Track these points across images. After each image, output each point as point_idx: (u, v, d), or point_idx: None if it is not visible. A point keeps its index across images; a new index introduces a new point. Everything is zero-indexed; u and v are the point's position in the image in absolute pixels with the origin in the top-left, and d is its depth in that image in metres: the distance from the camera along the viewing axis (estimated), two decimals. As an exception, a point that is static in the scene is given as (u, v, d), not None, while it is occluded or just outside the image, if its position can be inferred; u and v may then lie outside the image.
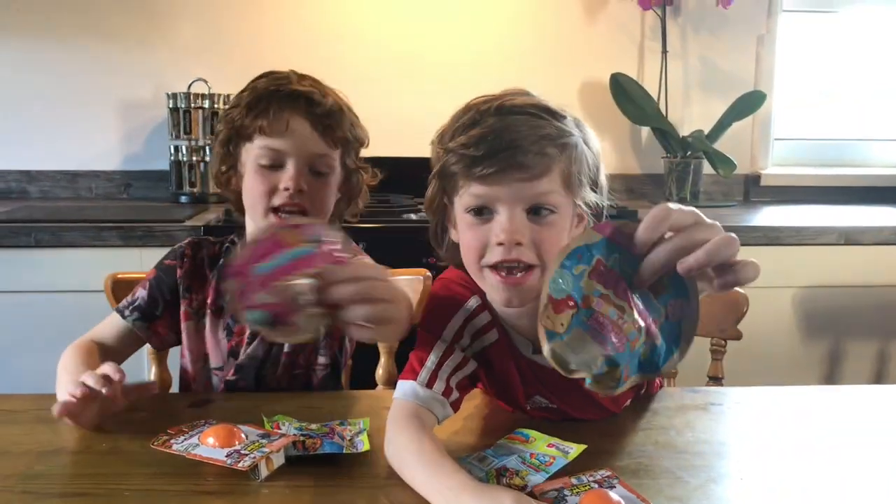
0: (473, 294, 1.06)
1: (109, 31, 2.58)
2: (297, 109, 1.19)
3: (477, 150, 0.92)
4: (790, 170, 2.83)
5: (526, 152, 0.92)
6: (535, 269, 0.94)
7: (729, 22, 2.72)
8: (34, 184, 2.61)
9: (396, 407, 1.00)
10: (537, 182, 0.93)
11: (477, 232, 0.96)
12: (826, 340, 2.24)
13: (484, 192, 0.94)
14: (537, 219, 0.94)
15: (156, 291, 1.29)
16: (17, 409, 1.15)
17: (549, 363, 0.78)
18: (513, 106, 0.95)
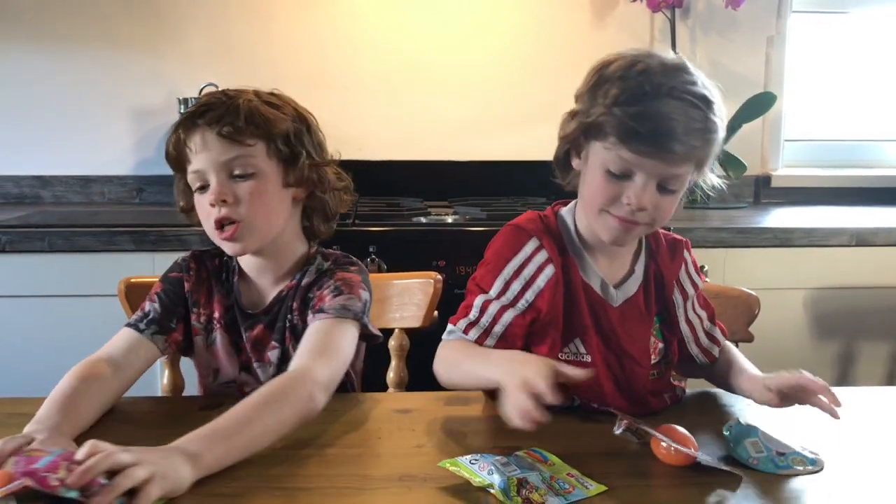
0: (532, 237, 1.17)
1: (121, 38, 2.60)
2: (194, 126, 1.18)
3: (639, 126, 1.03)
4: (801, 171, 2.82)
5: (677, 142, 1.03)
6: (647, 226, 1.12)
7: (738, 23, 2.70)
8: (48, 189, 2.62)
9: (444, 346, 1.16)
10: (676, 166, 1.06)
11: (612, 186, 1.09)
12: (838, 342, 2.23)
13: (630, 159, 1.06)
14: (664, 191, 1.08)
15: (167, 303, 1.26)
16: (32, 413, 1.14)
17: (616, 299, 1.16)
18: (680, 91, 1.04)
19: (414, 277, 1.55)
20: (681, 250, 1.24)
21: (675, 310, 1.21)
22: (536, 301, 1.15)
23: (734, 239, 2.15)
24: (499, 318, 1.14)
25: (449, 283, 1.65)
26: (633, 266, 1.20)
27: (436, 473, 0.96)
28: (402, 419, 1.14)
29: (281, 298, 1.27)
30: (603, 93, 1.07)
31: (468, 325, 1.15)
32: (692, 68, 1.09)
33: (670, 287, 1.21)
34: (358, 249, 1.38)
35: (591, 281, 1.18)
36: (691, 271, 1.24)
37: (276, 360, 1.27)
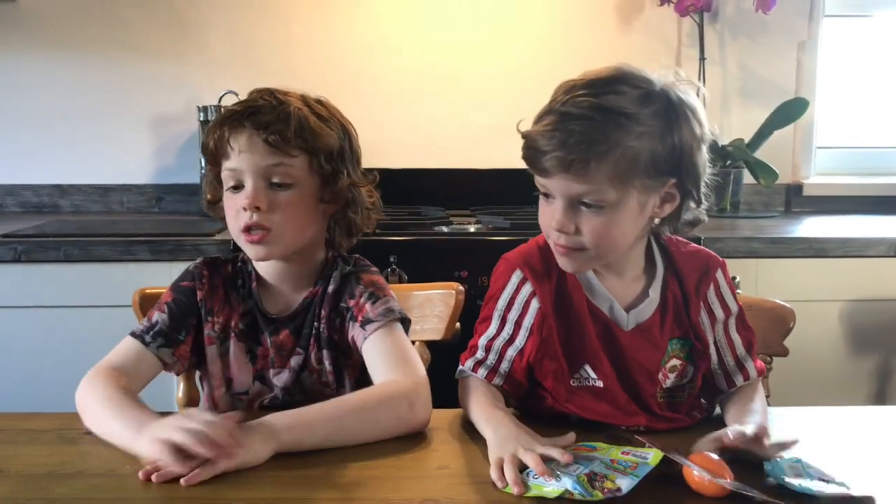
0: (515, 269, 1.17)
1: (140, 45, 2.59)
2: (241, 126, 1.16)
3: (525, 144, 1.06)
4: (833, 179, 2.75)
5: (544, 157, 1.02)
6: (586, 251, 1.07)
7: (769, 27, 2.64)
8: (66, 198, 2.61)
9: (461, 384, 1.17)
10: (580, 183, 1.03)
11: (545, 210, 1.10)
12: (875, 356, 2.16)
13: (539, 181, 1.08)
14: (586, 211, 1.05)
15: (176, 314, 1.23)
16: (40, 428, 1.13)
17: (627, 324, 1.13)
18: (569, 106, 1.03)
19: (435, 288, 1.53)
20: (712, 271, 1.18)
21: (703, 333, 1.16)
22: (530, 337, 1.15)
23: (766, 249, 2.09)
24: (503, 355, 1.16)
25: (471, 294, 1.61)
26: (647, 289, 1.15)
27: (461, 497, 0.92)
28: (422, 439, 1.09)
29: (307, 305, 1.25)
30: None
31: (476, 364, 1.16)
32: (638, 78, 1.05)
33: (695, 309, 1.15)
34: (378, 259, 1.35)
35: (599, 304, 1.14)
36: (724, 293, 1.18)
37: (296, 367, 1.24)
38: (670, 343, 1.14)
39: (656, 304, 1.14)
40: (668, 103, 1.05)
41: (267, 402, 1.25)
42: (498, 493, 0.93)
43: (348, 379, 1.27)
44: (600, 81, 1.05)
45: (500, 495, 0.93)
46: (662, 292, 1.15)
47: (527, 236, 2.06)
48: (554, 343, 1.13)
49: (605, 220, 1.05)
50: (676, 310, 1.15)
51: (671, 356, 1.14)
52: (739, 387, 1.18)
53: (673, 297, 1.15)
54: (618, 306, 1.14)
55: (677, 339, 1.15)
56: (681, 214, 1.11)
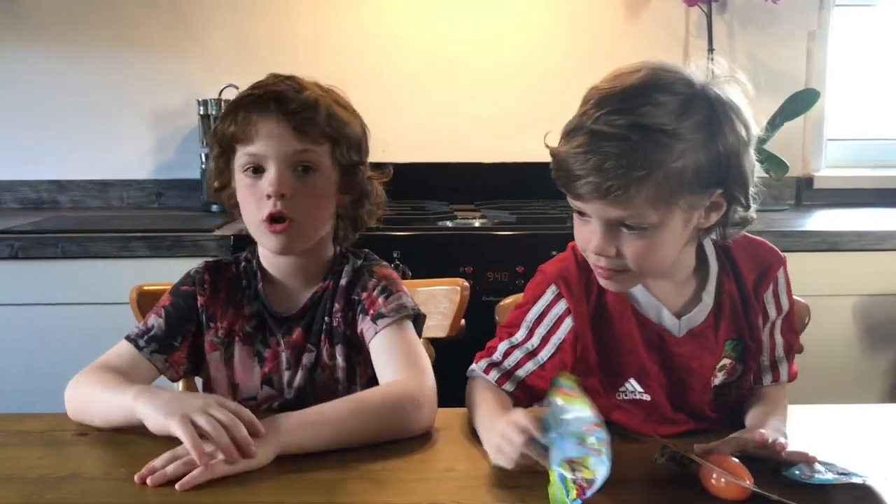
0: (551, 284, 1.11)
1: (140, 39, 2.55)
2: (266, 110, 1.14)
3: (556, 166, 0.98)
4: (844, 171, 2.70)
5: (579, 183, 0.94)
6: (630, 273, 1.01)
7: (778, 17, 2.60)
8: (65, 193, 2.58)
9: (470, 384, 1.13)
10: (619, 208, 0.95)
11: (581, 230, 1.02)
12: (890, 352, 2.12)
13: (576, 205, 1.00)
14: (627, 233, 0.98)
15: (173, 320, 1.20)
16: (31, 429, 1.10)
17: (679, 330, 1.07)
18: (600, 123, 0.94)
19: (440, 284, 1.50)
20: (773, 270, 1.13)
21: (759, 333, 1.12)
22: (559, 353, 1.10)
23: (778, 243, 1.98)
24: (521, 364, 1.11)
25: (476, 291, 1.59)
26: (699, 292, 1.09)
27: (467, 501, 0.89)
28: (427, 439, 1.06)
29: (316, 300, 1.23)
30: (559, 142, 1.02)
31: (490, 366, 1.13)
32: (678, 81, 0.98)
33: (753, 310, 1.10)
34: (382, 254, 1.32)
35: (647, 312, 1.09)
36: (780, 292, 1.13)
37: (309, 365, 1.22)
38: (725, 345, 1.10)
39: (710, 307, 1.09)
40: (710, 109, 0.97)
41: (276, 405, 1.22)
42: (508, 496, 0.90)
43: (360, 376, 1.24)
44: (634, 92, 0.95)
45: (508, 499, 0.89)
46: (717, 295, 1.09)
47: (532, 231, 2.06)
48: (591, 362, 1.09)
49: (648, 241, 0.98)
50: (733, 311, 1.10)
51: (725, 356, 1.10)
52: (766, 387, 1.15)
53: (729, 299, 1.10)
54: (667, 313, 1.08)
55: (732, 340, 1.10)
56: (728, 220, 1.04)
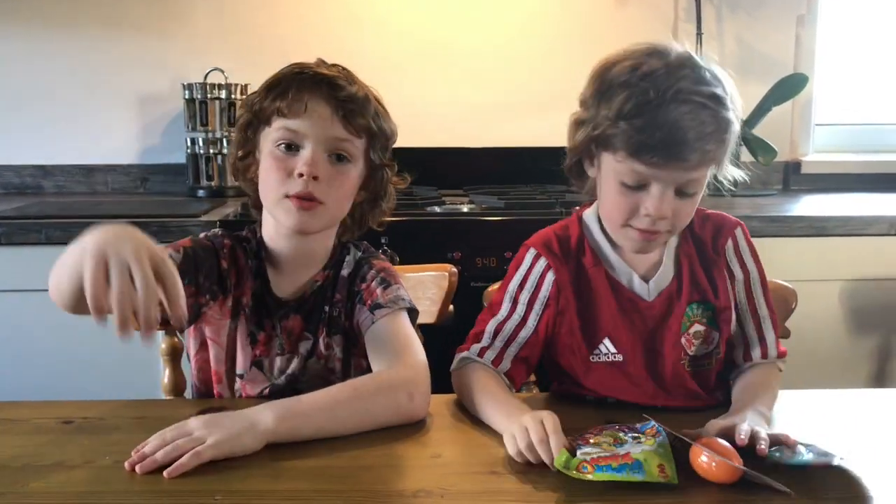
0: (529, 248, 1.19)
1: (125, 22, 2.52)
2: (318, 91, 1.14)
3: (649, 139, 1.01)
4: (832, 156, 2.71)
5: (690, 150, 1.01)
6: (669, 233, 1.10)
7: (767, 1, 2.60)
8: (49, 179, 2.56)
9: (460, 373, 1.15)
10: (693, 171, 1.05)
11: (628, 198, 1.07)
12: (876, 336, 2.13)
13: (644, 171, 1.04)
14: (682, 196, 1.07)
15: (190, 261, 1.14)
16: (17, 417, 1.09)
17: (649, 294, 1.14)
18: (686, 93, 1.01)
19: (428, 270, 1.50)
20: (730, 228, 1.19)
21: (725, 293, 1.16)
22: (545, 312, 1.16)
23: (765, 228, 2.06)
24: (513, 338, 1.15)
25: (464, 276, 1.58)
26: (660, 259, 1.16)
27: (454, 488, 0.89)
28: (415, 426, 1.06)
29: (316, 289, 1.22)
30: (607, 102, 1.05)
31: (482, 349, 1.15)
32: (699, 61, 1.06)
33: (717, 267, 1.16)
34: (369, 240, 1.32)
35: (620, 278, 1.16)
36: (743, 252, 1.18)
37: (304, 353, 1.21)
38: (689, 307, 1.14)
39: (672, 272, 1.15)
40: (726, 79, 1.08)
41: (267, 391, 1.21)
42: (493, 482, 0.90)
43: (354, 367, 1.24)
44: (683, 63, 1.05)
45: (495, 485, 0.90)
46: (676, 257, 1.16)
47: (521, 216, 2.05)
48: (571, 316, 1.15)
49: (692, 202, 1.09)
50: (693, 273, 1.16)
51: (693, 320, 1.14)
52: (755, 364, 1.17)
53: (688, 260, 1.16)
54: (637, 278, 1.15)
55: (696, 302, 1.15)
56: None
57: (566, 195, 2.22)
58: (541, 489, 0.88)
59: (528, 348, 1.16)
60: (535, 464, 0.92)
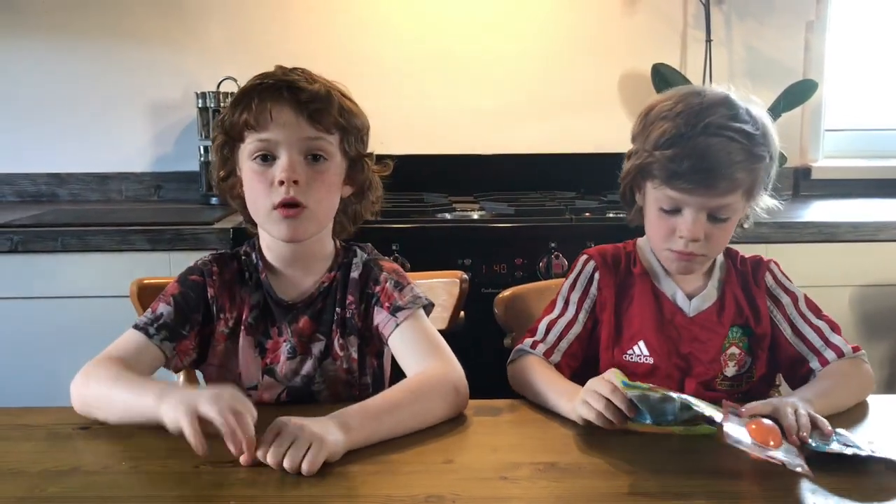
0: (584, 255, 1.31)
1: (138, 32, 2.55)
2: (280, 97, 1.14)
3: (678, 167, 1.14)
4: (842, 162, 2.70)
5: (718, 178, 1.13)
6: (706, 256, 1.21)
7: (776, 8, 2.60)
8: (64, 187, 2.58)
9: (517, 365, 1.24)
10: (722, 197, 1.16)
11: (665, 222, 1.20)
12: (887, 342, 2.13)
13: (676, 197, 1.17)
14: (715, 221, 1.18)
15: (183, 308, 1.20)
16: (34, 423, 1.10)
17: (690, 310, 1.24)
18: (716, 127, 1.13)
19: (438, 277, 1.50)
20: (766, 264, 1.30)
21: (768, 320, 1.25)
22: (596, 308, 1.27)
23: (775, 234, 2.06)
24: (565, 335, 1.26)
25: (475, 283, 1.59)
26: (706, 284, 1.27)
27: (466, 493, 0.89)
28: (427, 431, 1.06)
29: (324, 290, 1.23)
30: (647, 136, 1.19)
31: (534, 343, 1.25)
32: (736, 100, 1.17)
33: (759, 296, 1.26)
34: (380, 247, 1.33)
35: (665, 290, 1.26)
36: (782, 280, 1.29)
37: (318, 354, 1.22)
38: (731, 329, 1.24)
39: (715, 296, 1.25)
40: (764, 121, 1.18)
41: (285, 395, 1.22)
42: (505, 488, 0.91)
43: (368, 367, 1.25)
44: (718, 102, 1.16)
45: (506, 490, 0.90)
46: (720, 284, 1.26)
47: (531, 223, 2.06)
48: (609, 314, 1.25)
49: (726, 228, 1.19)
50: (735, 298, 1.25)
51: (731, 342, 1.24)
52: (832, 364, 1.21)
53: (731, 288, 1.26)
54: (681, 294, 1.25)
55: (738, 326, 1.24)
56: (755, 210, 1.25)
57: (576, 202, 2.23)
58: (552, 495, 0.89)
59: (577, 344, 1.26)
60: (618, 424, 1.00)
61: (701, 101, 1.16)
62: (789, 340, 1.24)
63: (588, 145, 2.49)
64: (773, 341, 1.25)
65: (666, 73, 2.48)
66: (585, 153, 2.50)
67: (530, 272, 1.96)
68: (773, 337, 1.25)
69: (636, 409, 0.99)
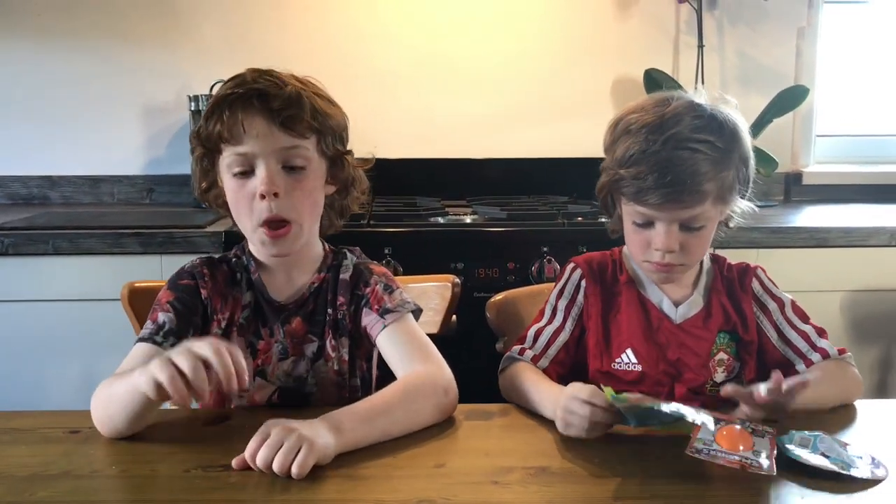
0: (570, 263, 1.31)
1: (131, 34, 2.55)
2: (251, 108, 1.12)
3: (644, 183, 1.13)
4: (833, 168, 2.72)
5: (685, 192, 1.12)
6: (684, 265, 1.21)
7: (768, 14, 2.61)
8: (56, 189, 2.57)
9: (507, 373, 1.24)
10: (692, 208, 1.15)
11: (641, 236, 1.20)
12: (877, 348, 2.14)
13: (647, 213, 1.17)
14: (689, 231, 1.17)
15: (182, 313, 1.19)
16: (24, 427, 1.10)
17: (676, 317, 1.24)
18: (680, 140, 1.13)
19: (431, 281, 1.51)
20: (753, 269, 1.30)
21: (755, 326, 1.25)
22: (583, 316, 1.27)
23: (767, 239, 2.07)
24: (552, 342, 1.26)
25: (467, 287, 1.59)
26: (693, 291, 1.26)
27: (457, 497, 0.89)
28: (418, 435, 1.06)
29: (315, 291, 1.24)
30: (614, 151, 1.19)
31: (522, 349, 1.26)
32: (703, 105, 1.16)
33: (746, 301, 1.26)
34: (373, 251, 1.33)
35: (651, 298, 1.26)
36: (769, 287, 1.29)
37: (311, 356, 1.22)
38: (719, 335, 1.24)
39: (701, 303, 1.25)
40: (733, 126, 1.17)
41: (277, 396, 1.22)
42: (496, 492, 0.91)
43: (358, 369, 1.26)
44: (683, 111, 1.15)
45: (498, 495, 0.90)
46: (706, 291, 1.26)
47: (523, 227, 2.06)
48: (596, 322, 1.25)
49: (702, 236, 1.18)
50: (722, 305, 1.25)
51: (719, 348, 1.24)
52: (818, 363, 1.23)
53: (718, 295, 1.26)
54: (668, 301, 1.25)
55: (725, 332, 1.24)
56: (734, 213, 1.24)
57: (568, 206, 2.24)
58: (543, 499, 0.89)
59: (564, 351, 1.26)
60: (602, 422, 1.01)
61: (664, 113, 1.15)
62: (775, 345, 1.25)
63: (580, 150, 2.49)
64: (760, 347, 1.25)
65: (658, 78, 2.49)
66: (578, 158, 2.50)
67: (522, 276, 1.97)
68: (760, 342, 1.25)
69: (621, 416, 1.00)
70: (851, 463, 0.95)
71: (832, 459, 0.95)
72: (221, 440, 1.03)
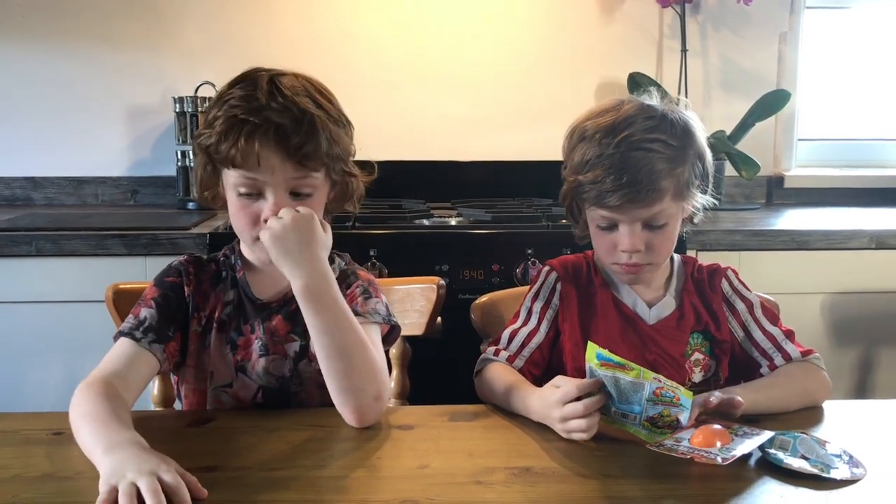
0: (546, 266, 1.33)
1: (115, 35, 2.53)
2: (267, 141, 1.11)
3: (602, 187, 1.16)
4: (815, 171, 2.74)
5: (642, 191, 1.15)
6: (652, 264, 1.23)
7: (750, 19, 2.64)
8: (39, 191, 2.56)
9: (482, 375, 1.24)
10: (650, 208, 1.17)
11: (606, 239, 1.23)
12: (857, 349, 2.16)
13: (609, 215, 1.20)
14: (653, 229, 1.20)
15: (165, 310, 1.19)
16: (6, 429, 1.10)
17: (650, 318, 1.26)
18: (632, 141, 1.16)
19: (416, 282, 1.51)
20: (723, 270, 1.32)
21: (726, 325, 1.27)
22: (558, 318, 1.28)
23: (748, 242, 2.09)
24: (527, 343, 1.27)
25: (452, 289, 1.60)
26: (665, 291, 1.29)
27: (441, 498, 0.90)
28: (403, 436, 1.07)
29: None
30: (571, 158, 1.23)
31: (497, 350, 1.27)
32: (654, 106, 1.20)
33: (716, 302, 1.28)
34: (358, 253, 1.33)
35: (625, 300, 1.28)
36: (738, 288, 1.30)
37: (293, 355, 1.22)
38: (692, 335, 1.26)
39: (674, 304, 1.27)
40: (685, 124, 1.20)
41: (261, 396, 1.22)
42: (479, 492, 0.91)
43: None
44: (635, 114, 1.19)
45: (481, 495, 0.91)
46: (678, 293, 1.29)
47: (508, 229, 2.07)
48: (573, 324, 1.26)
49: (666, 234, 1.21)
50: (694, 306, 1.27)
51: (694, 349, 1.26)
52: (780, 366, 1.24)
53: (689, 296, 1.28)
54: (641, 302, 1.27)
55: (699, 332, 1.26)
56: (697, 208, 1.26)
57: (552, 209, 2.25)
58: (527, 499, 0.90)
59: (538, 353, 1.27)
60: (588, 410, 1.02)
61: (616, 117, 1.18)
62: (742, 345, 1.27)
63: (565, 153, 2.52)
64: (731, 347, 1.27)
65: (642, 82, 2.50)
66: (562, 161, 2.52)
67: (507, 278, 1.97)
68: (731, 343, 1.27)
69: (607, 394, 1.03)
70: (831, 464, 0.96)
71: (812, 461, 0.96)
72: (205, 441, 1.03)
